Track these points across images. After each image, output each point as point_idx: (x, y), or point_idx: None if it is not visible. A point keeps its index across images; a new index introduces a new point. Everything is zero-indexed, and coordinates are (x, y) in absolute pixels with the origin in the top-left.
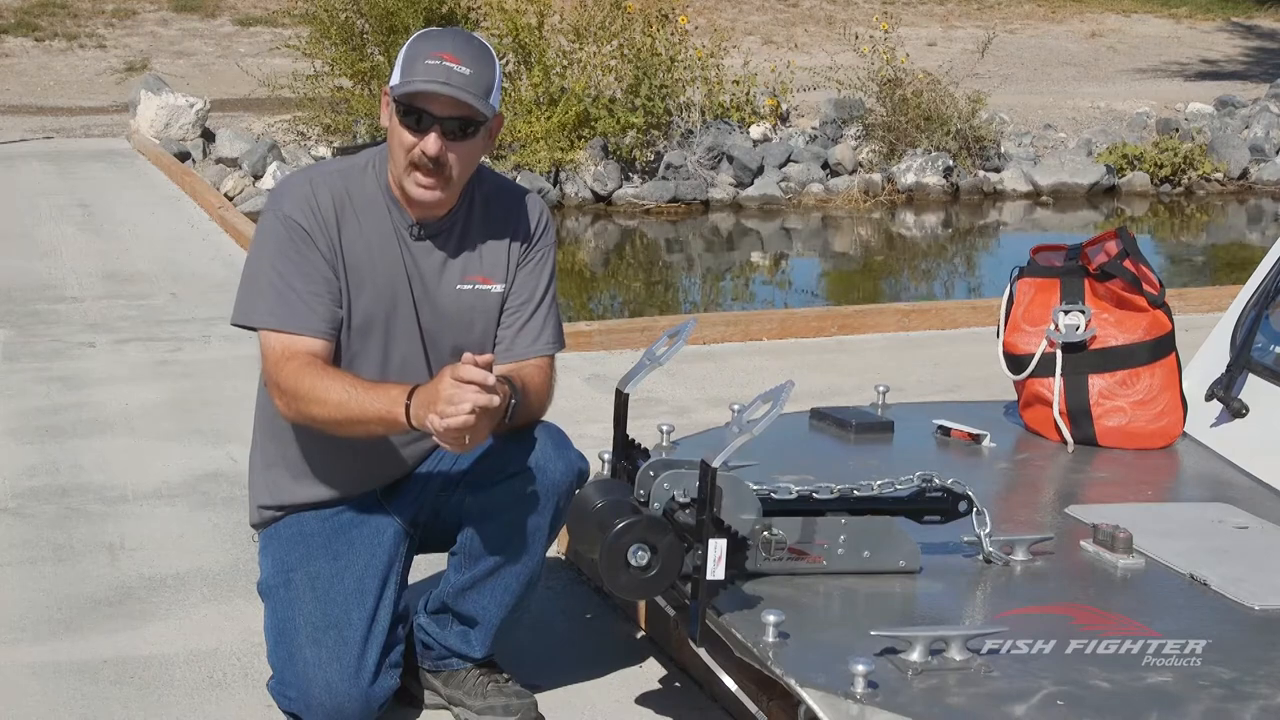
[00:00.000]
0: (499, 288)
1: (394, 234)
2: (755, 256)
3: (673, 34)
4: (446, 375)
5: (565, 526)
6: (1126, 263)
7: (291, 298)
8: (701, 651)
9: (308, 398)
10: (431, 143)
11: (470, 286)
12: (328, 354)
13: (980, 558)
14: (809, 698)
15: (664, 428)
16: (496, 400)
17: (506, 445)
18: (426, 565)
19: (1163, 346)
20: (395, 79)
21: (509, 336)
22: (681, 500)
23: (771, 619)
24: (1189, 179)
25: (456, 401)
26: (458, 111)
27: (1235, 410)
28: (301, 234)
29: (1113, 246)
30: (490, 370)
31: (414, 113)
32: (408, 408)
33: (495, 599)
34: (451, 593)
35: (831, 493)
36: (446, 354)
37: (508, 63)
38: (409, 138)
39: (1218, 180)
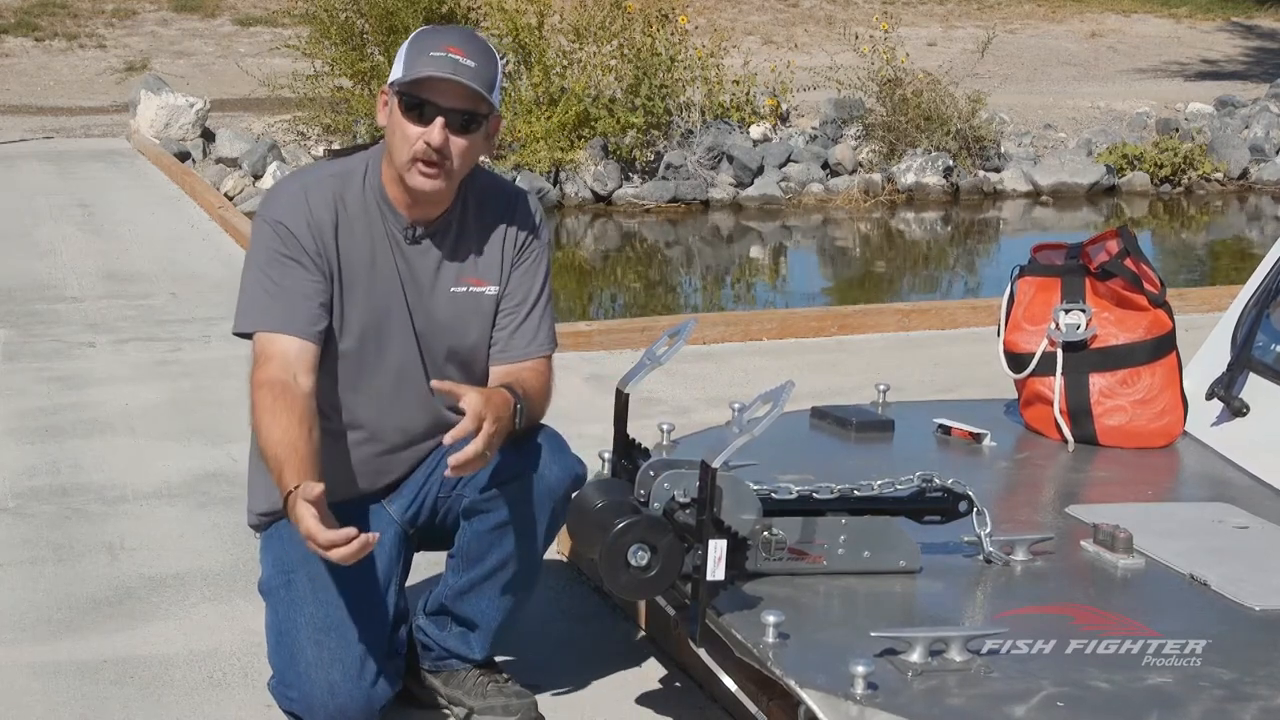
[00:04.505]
0: (493, 289)
1: (387, 239)
2: (755, 256)
3: (673, 34)
4: (301, 513)
5: (565, 527)
6: (1127, 262)
7: (278, 297)
8: (701, 651)
9: (257, 427)
10: (436, 132)
11: (464, 289)
12: (307, 356)
13: (980, 558)
14: (809, 698)
15: (664, 428)
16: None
17: (504, 449)
18: (427, 565)
19: (1163, 345)
20: (398, 73)
21: (504, 338)
22: (681, 500)
23: (771, 619)
24: (1189, 179)
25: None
26: (462, 104)
27: (1236, 409)
28: (290, 239)
29: (1114, 245)
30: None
31: (419, 104)
32: (287, 503)
33: (493, 602)
34: (450, 595)
35: (831, 493)
36: (442, 358)
37: (508, 63)
38: (413, 129)
39: (1218, 180)
